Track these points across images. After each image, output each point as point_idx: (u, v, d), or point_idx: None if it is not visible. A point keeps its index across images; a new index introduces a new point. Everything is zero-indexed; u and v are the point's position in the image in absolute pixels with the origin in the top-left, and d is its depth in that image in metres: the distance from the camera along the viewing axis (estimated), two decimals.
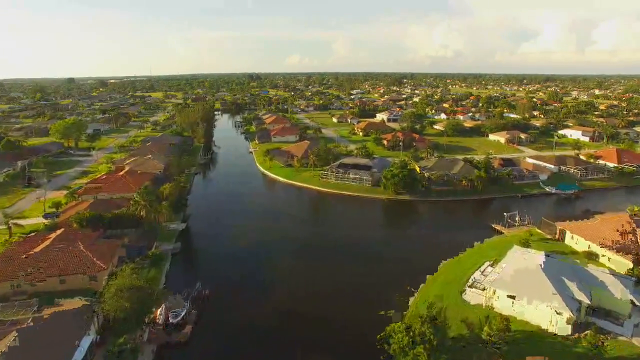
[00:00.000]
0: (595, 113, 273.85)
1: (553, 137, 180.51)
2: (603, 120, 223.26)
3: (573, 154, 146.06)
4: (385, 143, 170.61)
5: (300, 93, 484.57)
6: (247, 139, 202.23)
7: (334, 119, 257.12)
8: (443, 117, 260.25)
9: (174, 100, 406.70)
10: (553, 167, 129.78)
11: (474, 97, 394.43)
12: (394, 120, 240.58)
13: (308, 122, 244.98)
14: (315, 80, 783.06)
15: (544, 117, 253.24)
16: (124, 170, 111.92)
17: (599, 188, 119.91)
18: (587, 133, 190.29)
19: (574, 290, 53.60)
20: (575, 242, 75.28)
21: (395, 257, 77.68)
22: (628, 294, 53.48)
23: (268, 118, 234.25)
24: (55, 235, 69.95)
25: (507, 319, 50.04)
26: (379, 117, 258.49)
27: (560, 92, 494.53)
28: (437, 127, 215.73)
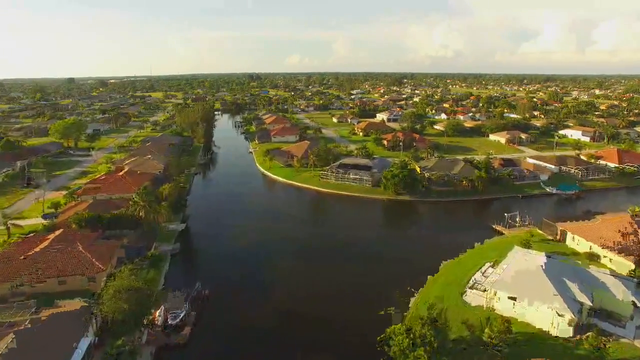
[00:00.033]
0: (596, 113, 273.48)
1: (554, 137, 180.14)
2: (603, 121, 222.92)
3: (574, 154, 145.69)
4: (386, 143, 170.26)
5: (301, 93, 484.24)
6: (247, 139, 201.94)
7: (334, 119, 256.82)
8: (443, 117, 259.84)
9: (174, 100, 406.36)
10: (554, 167, 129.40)
11: (474, 97, 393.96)
12: (394, 121, 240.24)
13: (308, 122, 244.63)
14: (316, 80, 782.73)
15: (545, 117, 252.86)
16: (124, 171, 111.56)
17: (600, 188, 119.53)
18: (587, 133, 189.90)
19: (576, 292, 53.22)
20: (577, 243, 74.92)
21: (396, 257, 77.28)
22: (630, 296, 53.14)
23: (268, 118, 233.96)
24: (54, 236, 69.65)
25: (508, 321, 49.61)
26: (379, 117, 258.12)
27: (561, 92, 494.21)
28: (437, 127, 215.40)
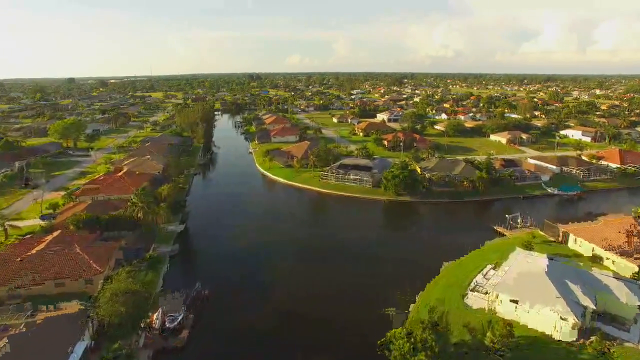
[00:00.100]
0: (597, 113, 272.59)
1: (555, 137, 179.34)
2: (605, 121, 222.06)
3: (575, 155, 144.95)
4: (386, 143, 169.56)
5: (301, 93, 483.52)
6: (247, 139, 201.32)
7: (334, 119, 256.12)
8: (444, 117, 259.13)
9: (174, 100, 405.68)
10: (555, 167, 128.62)
11: (475, 97, 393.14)
12: (395, 121, 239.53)
13: (308, 122, 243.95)
14: (316, 80, 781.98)
15: (546, 117, 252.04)
16: (122, 171, 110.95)
17: (602, 189, 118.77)
18: (588, 133, 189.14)
19: (579, 295, 52.53)
20: (579, 244, 74.19)
21: (396, 258, 76.66)
22: (634, 299, 52.42)
23: (268, 118, 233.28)
24: (52, 238, 69.08)
25: (510, 324, 48.94)
26: (380, 117, 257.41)
27: (561, 92, 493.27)
28: (438, 127, 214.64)
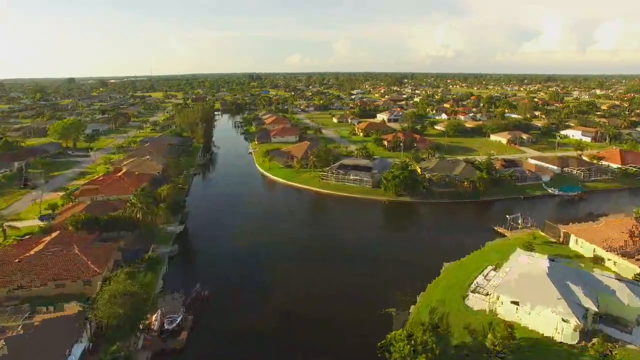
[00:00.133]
0: (598, 113, 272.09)
1: (555, 137, 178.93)
2: (605, 121, 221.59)
3: (576, 155, 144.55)
4: (386, 144, 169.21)
5: (301, 93, 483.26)
6: (246, 140, 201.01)
7: (335, 119, 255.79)
8: (444, 117, 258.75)
9: (174, 101, 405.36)
10: (556, 168, 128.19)
11: (475, 97, 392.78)
12: (395, 121, 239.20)
13: (308, 122, 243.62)
14: (316, 80, 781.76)
15: (546, 117, 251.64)
16: (122, 172, 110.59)
17: (602, 190, 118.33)
18: (589, 133, 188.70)
19: (580, 296, 52.19)
20: (580, 245, 73.79)
21: (396, 259, 76.32)
22: (636, 300, 52.06)
23: (268, 118, 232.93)
24: (50, 239, 68.70)
25: (511, 326, 48.63)
26: (380, 117, 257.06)
27: (562, 92, 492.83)
28: (438, 127, 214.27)
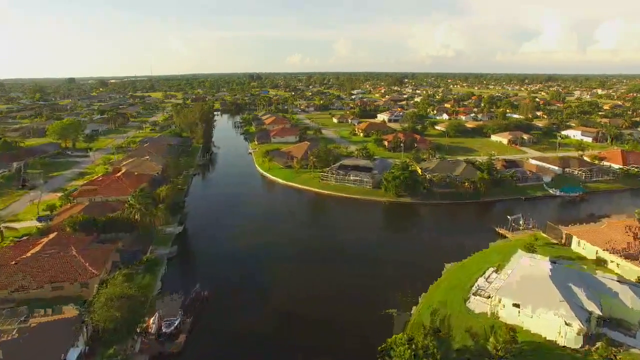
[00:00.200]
0: (600, 113, 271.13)
1: (556, 138, 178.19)
2: (607, 121, 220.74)
3: (577, 155, 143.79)
4: (386, 144, 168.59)
5: (301, 93, 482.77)
6: (246, 140, 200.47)
7: (335, 120, 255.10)
8: (445, 117, 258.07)
9: (174, 101, 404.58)
10: (557, 168, 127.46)
11: (476, 97, 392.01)
12: (395, 121, 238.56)
13: (308, 122, 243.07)
14: (316, 80, 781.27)
15: (548, 117, 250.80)
16: (121, 172, 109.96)
17: (604, 190, 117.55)
18: (590, 134, 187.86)
19: (583, 299, 51.57)
20: (582, 247, 73.06)
21: (397, 260, 75.85)
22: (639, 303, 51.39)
23: (268, 119, 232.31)
24: (47, 240, 68.08)
25: (513, 330, 48.06)
26: (380, 117, 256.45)
27: (563, 92, 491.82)
28: (438, 127, 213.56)
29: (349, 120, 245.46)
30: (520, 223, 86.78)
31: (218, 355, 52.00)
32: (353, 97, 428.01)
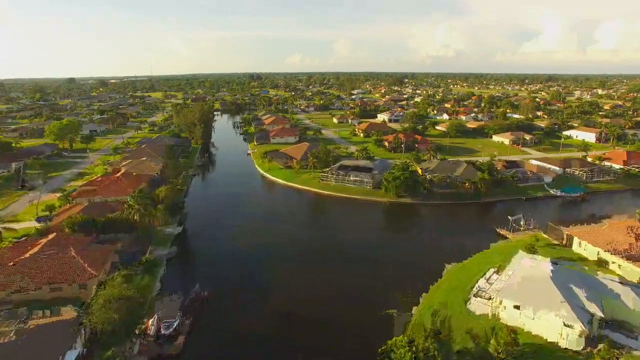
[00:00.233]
0: (601, 113, 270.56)
1: (559, 138, 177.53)
2: (608, 121, 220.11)
3: (579, 156, 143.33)
4: (387, 144, 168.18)
5: (301, 93, 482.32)
6: (246, 140, 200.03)
7: (335, 120, 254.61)
8: (445, 117, 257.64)
9: (174, 101, 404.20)
10: (558, 169, 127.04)
11: (476, 97, 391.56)
12: (396, 121, 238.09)
13: (308, 122, 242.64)
14: (316, 80, 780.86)
15: (549, 117, 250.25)
16: (120, 173, 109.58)
17: (605, 191, 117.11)
18: (592, 134, 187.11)
19: (585, 301, 51.19)
20: (584, 248, 72.62)
21: (397, 261, 75.51)
22: None
23: (267, 119, 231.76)
24: (46, 241, 67.62)
25: (514, 331, 47.69)
26: (380, 117, 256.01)
27: (563, 91, 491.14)
28: (439, 127, 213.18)
29: (349, 121, 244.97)
30: (521, 224, 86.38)
31: (217, 357, 51.66)
32: (353, 97, 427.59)
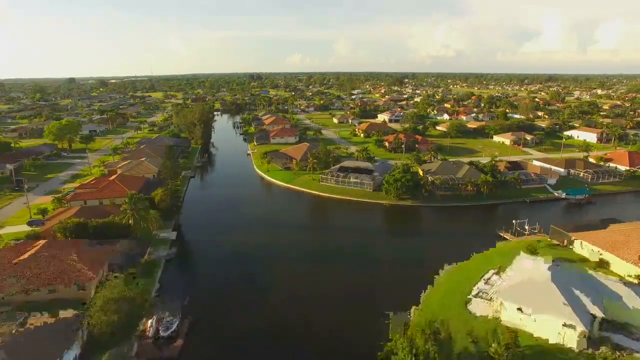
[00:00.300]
0: (601, 114, 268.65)
1: (560, 138, 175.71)
2: (610, 121, 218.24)
3: (582, 157, 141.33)
4: (387, 145, 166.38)
5: (301, 93, 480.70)
6: (245, 140, 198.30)
7: (335, 120, 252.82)
8: (446, 117, 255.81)
9: (174, 101, 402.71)
10: (562, 170, 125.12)
11: (476, 97, 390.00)
12: (396, 121, 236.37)
13: (308, 122, 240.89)
14: (316, 80, 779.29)
15: (549, 117, 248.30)
16: (116, 175, 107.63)
17: (610, 192, 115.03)
18: (593, 134, 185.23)
19: (586, 302, 50.22)
20: (589, 252, 70.35)
21: (398, 263, 74.47)
22: None
23: (267, 119, 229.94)
24: (40, 246, 65.24)
25: (515, 333, 47.08)
26: (381, 117, 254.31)
27: (563, 92, 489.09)
28: (439, 128, 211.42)
29: (350, 121, 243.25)
30: (526, 227, 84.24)
31: (216, 359, 50.69)
32: (353, 97, 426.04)
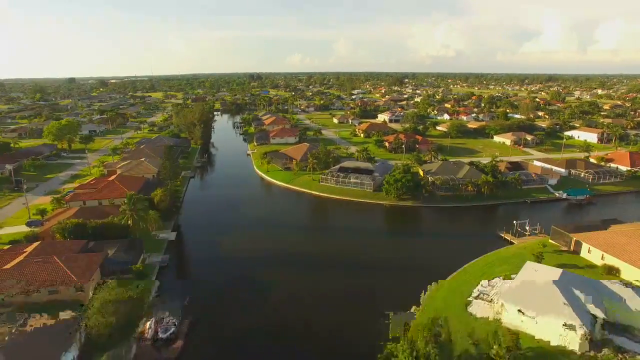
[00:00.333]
0: (602, 114, 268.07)
1: (560, 138, 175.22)
2: (610, 121, 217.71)
3: (582, 157, 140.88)
4: (387, 145, 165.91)
5: (301, 93, 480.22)
6: (245, 141, 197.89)
7: (335, 120, 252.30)
8: (446, 117, 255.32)
9: (174, 101, 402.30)
10: (563, 170, 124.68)
11: (476, 97, 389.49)
12: (396, 121, 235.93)
13: (308, 122, 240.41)
14: (316, 80, 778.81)
15: (549, 117, 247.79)
16: (115, 175, 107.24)
17: (611, 193, 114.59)
18: (594, 134, 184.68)
19: (588, 304, 49.75)
20: (592, 254, 69.94)
21: (398, 264, 74.05)
22: None
23: (267, 119, 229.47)
24: (33, 249, 64.76)
25: (516, 334, 46.70)
26: (381, 117, 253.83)
27: (563, 92, 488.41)
28: (440, 128, 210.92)
29: (350, 121, 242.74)
30: (527, 228, 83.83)
31: None
32: (353, 97, 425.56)
